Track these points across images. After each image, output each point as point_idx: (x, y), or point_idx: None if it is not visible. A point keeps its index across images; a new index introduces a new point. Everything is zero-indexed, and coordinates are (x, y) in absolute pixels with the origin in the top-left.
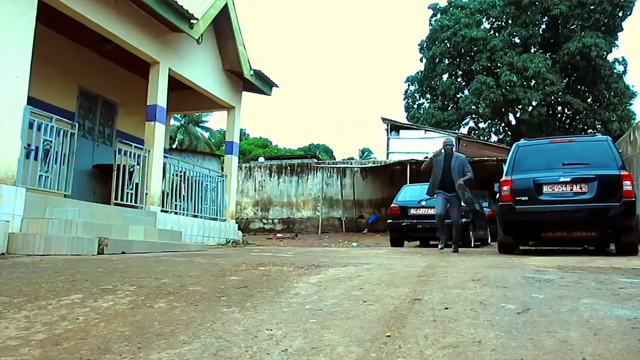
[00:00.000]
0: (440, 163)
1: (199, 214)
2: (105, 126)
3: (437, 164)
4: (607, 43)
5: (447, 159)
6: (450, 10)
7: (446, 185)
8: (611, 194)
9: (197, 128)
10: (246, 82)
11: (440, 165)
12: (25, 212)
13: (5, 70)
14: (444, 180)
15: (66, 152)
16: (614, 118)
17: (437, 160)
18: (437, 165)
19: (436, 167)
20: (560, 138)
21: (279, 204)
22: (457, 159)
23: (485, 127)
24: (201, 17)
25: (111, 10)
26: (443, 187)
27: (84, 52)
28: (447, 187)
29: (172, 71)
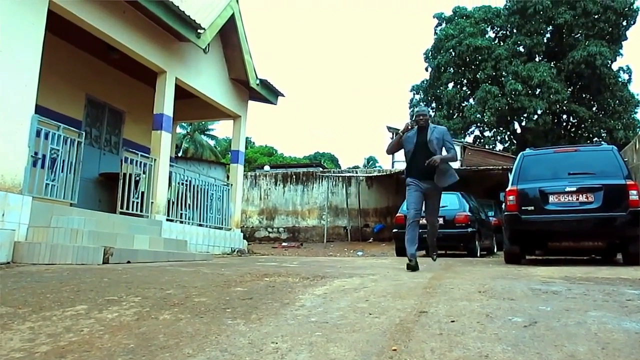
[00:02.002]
0: (412, 139)
1: (204, 223)
2: (111, 134)
3: (407, 142)
4: (611, 52)
5: (420, 134)
6: (455, 19)
7: (421, 170)
8: (617, 203)
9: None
10: (252, 91)
11: (412, 142)
12: (31, 220)
13: (14, 79)
14: (418, 161)
15: (73, 161)
16: (619, 126)
17: (408, 136)
18: (407, 143)
19: (407, 145)
20: (565, 147)
21: (284, 213)
22: (434, 130)
23: (491, 135)
24: (208, 27)
25: (119, 20)
26: (417, 172)
27: (91, 61)
28: (422, 172)
29: (179, 80)
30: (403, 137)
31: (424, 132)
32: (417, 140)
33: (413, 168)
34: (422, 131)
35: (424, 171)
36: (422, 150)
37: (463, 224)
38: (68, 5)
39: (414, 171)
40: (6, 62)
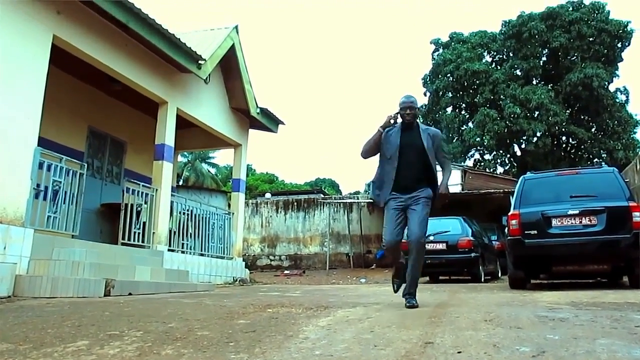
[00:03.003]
0: (395, 139)
1: (205, 252)
2: (113, 165)
3: (388, 142)
4: (607, 73)
5: (406, 133)
6: (452, 44)
7: (405, 182)
8: (621, 225)
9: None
10: (253, 119)
11: (395, 144)
12: (33, 253)
13: (17, 112)
14: (402, 170)
15: (75, 192)
16: (619, 147)
17: (389, 135)
18: (389, 145)
19: (388, 147)
20: (566, 170)
21: (286, 240)
22: (427, 132)
23: (491, 158)
24: (209, 58)
25: (121, 52)
26: (399, 184)
27: (93, 92)
28: (406, 184)
29: (180, 110)
30: (383, 136)
31: (411, 132)
32: (401, 142)
33: (396, 179)
34: (409, 129)
35: (408, 182)
36: (408, 156)
37: (466, 249)
38: (71, 39)
39: (396, 183)
40: (10, 96)
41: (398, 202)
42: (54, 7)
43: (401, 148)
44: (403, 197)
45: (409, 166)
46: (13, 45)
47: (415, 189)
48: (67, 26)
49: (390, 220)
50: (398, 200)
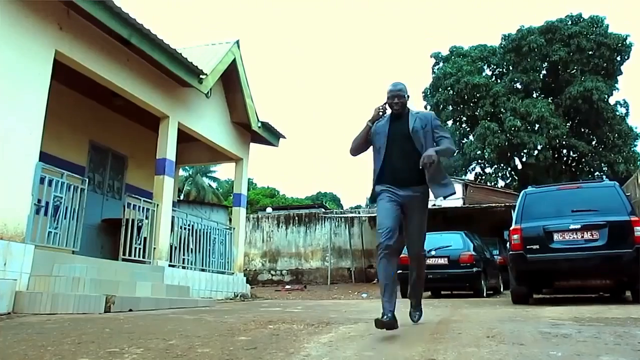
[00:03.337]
0: (383, 129)
1: (206, 268)
2: (114, 179)
3: (378, 135)
4: (607, 86)
5: (396, 122)
6: (452, 58)
7: (399, 173)
8: (623, 240)
9: (205, 178)
10: (254, 133)
11: (383, 134)
12: (33, 269)
13: (19, 128)
14: (394, 161)
15: (76, 207)
16: (620, 160)
17: (378, 127)
18: (377, 136)
19: (377, 138)
20: (568, 184)
21: (287, 255)
22: (417, 117)
23: (492, 172)
24: (210, 72)
25: (123, 67)
26: (393, 177)
27: (95, 107)
28: (401, 175)
29: (181, 125)
30: (372, 129)
31: (401, 120)
32: (390, 132)
33: (386, 171)
34: (399, 119)
35: (403, 174)
36: (400, 145)
37: (468, 263)
38: (73, 54)
39: (387, 175)
40: (12, 111)
41: (393, 195)
42: (56, 22)
43: (391, 137)
44: (398, 191)
45: (401, 156)
46: (15, 60)
47: (411, 184)
48: (69, 41)
49: (385, 217)
50: (393, 194)
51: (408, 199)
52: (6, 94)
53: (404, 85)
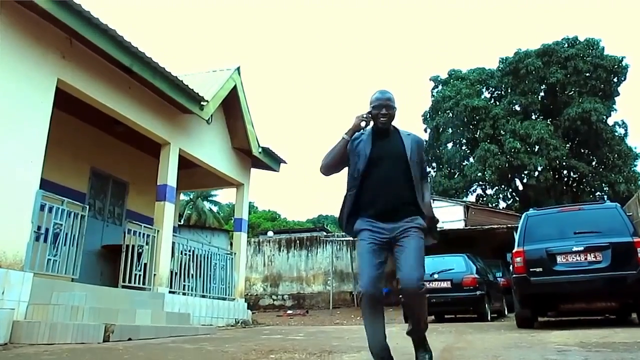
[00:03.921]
0: (364, 148)
1: (207, 294)
2: (115, 206)
3: (356, 153)
4: (605, 107)
5: (380, 139)
6: (451, 81)
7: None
8: (627, 261)
9: (206, 202)
10: (254, 159)
11: (364, 154)
12: (31, 298)
13: (20, 156)
14: (378, 189)
15: (76, 234)
16: (621, 180)
17: (356, 144)
18: (357, 157)
19: (356, 157)
20: (569, 206)
21: (288, 279)
22: (411, 140)
23: (493, 193)
24: (211, 99)
25: (125, 95)
26: (376, 209)
27: (96, 134)
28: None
29: (183, 151)
30: (350, 146)
31: (388, 138)
32: (373, 151)
33: (369, 199)
34: (384, 135)
35: (391, 205)
36: (387, 168)
37: (471, 286)
38: (75, 82)
39: (369, 205)
40: (14, 139)
41: (376, 234)
42: (59, 51)
43: (373, 159)
44: (384, 227)
45: (387, 183)
46: (17, 89)
47: (400, 216)
48: (71, 70)
49: (365, 262)
50: (376, 232)
51: (396, 232)
52: (7, 123)
53: (392, 94)
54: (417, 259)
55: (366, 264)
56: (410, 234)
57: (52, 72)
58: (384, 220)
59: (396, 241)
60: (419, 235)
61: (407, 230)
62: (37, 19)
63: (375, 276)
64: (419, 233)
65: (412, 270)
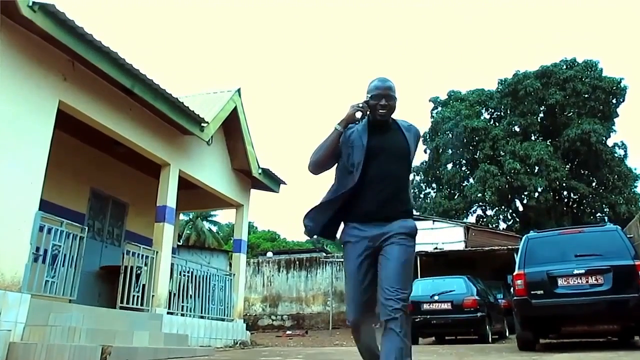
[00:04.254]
0: (359, 140)
1: (206, 315)
2: (114, 226)
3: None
4: (604, 128)
5: (379, 132)
6: (450, 102)
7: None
8: (628, 284)
9: (205, 222)
10: (254, 179)
11: (361, 144)
12: (29, 319)
13: (20, 177)
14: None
15: (74, 255)
16: (621, 201)
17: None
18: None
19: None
20: (570, 229)
21: (288, 300)
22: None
23: (493, 214)
24: (211, 120)
25: (126, 116)
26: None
27: (97, 155)
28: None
29: (182, 172)
30: (344, 136)
31: (386, 130)
32: (370, 144)
33: (361, 198)
34: (382, 128)
35: (386, 207)
36: (385, 165)
37: (472, 308)
38: (77, 104)
39: (360, 205)
40: (14, 161)
41: (361, 246)
42: (60, 73)
43: (372, 153)
44: (370, 233)
45: (383, 180)
46: (18, 111)
47: (389, 218)
48: (72, 92)
49: (351, 286)
50: (362, 241)
51: (382, 237)
52: (8, 144)
53: (393, 83)
54: (401, 276)
55: (352, 288)
56: (396, 241)
57: (53, 94)
58: (373, 224)
59: (380, 250)
60: (407, 243)
61: (394, 236)
62: (39, 42)
63: (363, 303)
64: (407, 240)
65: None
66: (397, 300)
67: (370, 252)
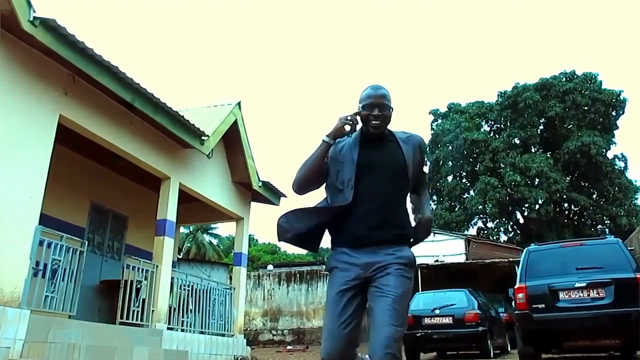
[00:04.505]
0: (349, 155)
1: (206, 330)
2: (114, 240)
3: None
4: (604, 141)
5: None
6: (450, 115)
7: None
8: (630, 298)
9: (206, 235)
10: (255, 192)
11: (351, 159)
12: (28, 336)
13: (20, 192)
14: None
15: (74, 270)
16: (622, 213)
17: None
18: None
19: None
20: (571, 242)
21: (288, 314)
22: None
23: (494, 226)
24: (212, 134)
25: (126, 130)
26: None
27: (97, 169)
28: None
29: (183, 185)
30: (331, 151)
31: (380, 145)
32: (360, 159)
33: (353, 222)
34: (375, 141)
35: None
36: (378, 182)
37: (473, 322)
38: (77, 118)
39: (349, 228)
40: (14, 176)
41: (349, 274)
42: (61, 88)
43: (362, 166)
44: (360, 261)
45: (373, 201)
46: (18, 125)
47: (383, 243)
48: (73, 106)
49: (330, 316)
50: (353, 268)
51: (375, 269)
52: (9, 161)
53: (388, 91)
54: (395, 313)
55: (330, 318)
56: (393, 271)
57: (54, 109)
58: (365, 250)
59: (372, 281)
60: (403, 274)
61: (388, 267)
62: (40, 56)
63: (341, 337)
64: (404, 271)
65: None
66: (391, 342)
67: (360, 283)
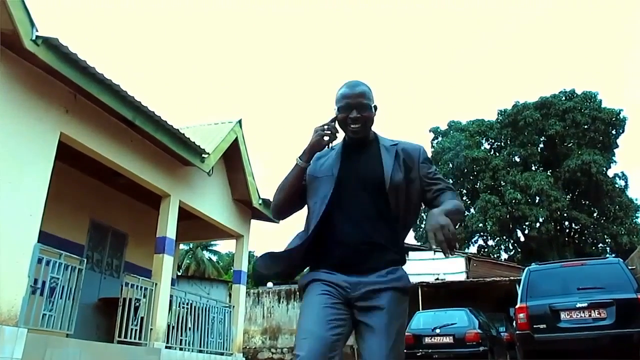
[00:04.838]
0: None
1: (204, 349)
2: (114, 257)
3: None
4: (604, 159)
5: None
6: (450, 133)
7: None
8: (632, 318)
9: (205, 252)
10: (255, 210)
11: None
12: (24, 355)
13: (19, 209)
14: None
15: (72, 287)
16: (623, 231)
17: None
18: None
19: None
20: (572, 261)
21: (288, 332)
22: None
23: (494, 244)
24: (212, 152)
25: (127, 148)
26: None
27: (97, 186)
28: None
29: (183, 203)
30: (310, 168)
31: (363, 153)
32: (342, 173)
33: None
34: (358, 149)
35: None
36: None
37: (474, 342)
38: (78, 136)
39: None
40: (14, 193)
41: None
42: (62, 106)
43: (342, 183)
44: (345, 281)
45: (351, 218)
46: (19, 145)
47: (370, 267)
48: (74, 124)
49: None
50: (334, 285)
51: (364, 290)
52: (9, 179)
53: (368, 87)
54: (387, 345)
55: (311, 319)
56: (383, 298)
57: (54, 127)
58: (346, 273)
59: (361, 308)
60: (396, 300)
61: (380, 292)
62: (41, 74)
63: (324, 337)
64: (396, 296)
65: None
66: None
67: (345, 302)
